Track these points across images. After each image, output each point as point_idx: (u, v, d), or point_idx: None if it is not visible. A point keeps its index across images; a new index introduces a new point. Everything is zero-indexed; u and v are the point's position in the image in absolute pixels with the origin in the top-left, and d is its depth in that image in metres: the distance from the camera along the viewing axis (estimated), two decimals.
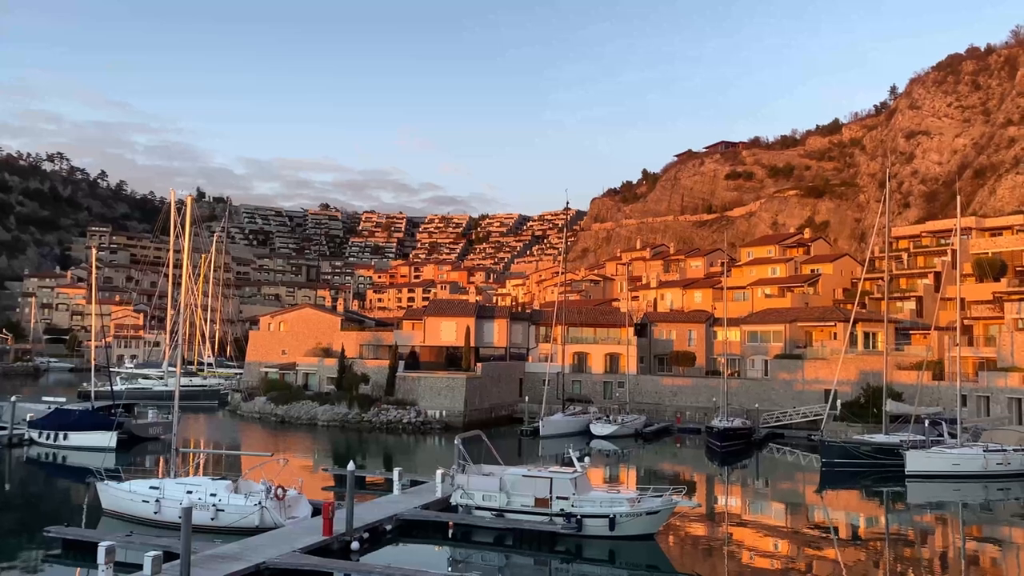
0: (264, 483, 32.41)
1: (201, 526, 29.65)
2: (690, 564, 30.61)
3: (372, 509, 32.90)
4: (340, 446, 60.72)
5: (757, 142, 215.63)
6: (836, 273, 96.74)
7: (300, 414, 72.73)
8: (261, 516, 30.75)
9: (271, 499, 31.28)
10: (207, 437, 65.63)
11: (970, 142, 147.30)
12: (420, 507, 33.38)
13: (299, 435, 65.95)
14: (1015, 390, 57.81)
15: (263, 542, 27.47)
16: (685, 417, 72.81)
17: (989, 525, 39.33)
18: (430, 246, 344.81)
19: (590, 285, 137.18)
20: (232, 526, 30.47)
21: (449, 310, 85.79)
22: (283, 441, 61.68)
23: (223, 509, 31.21)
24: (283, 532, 29.13)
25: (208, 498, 31.52)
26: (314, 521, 30.19)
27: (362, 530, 29.78)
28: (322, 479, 44.04)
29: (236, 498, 31.67)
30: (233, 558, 25.31)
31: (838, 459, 50.58)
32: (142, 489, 33.04)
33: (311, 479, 43.54)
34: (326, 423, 70.51)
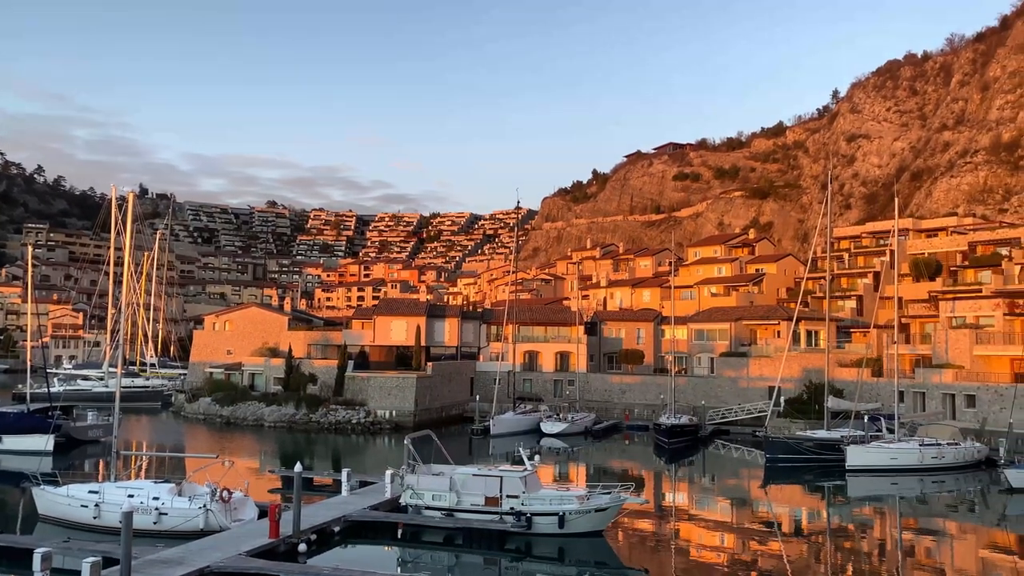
0: (209, 485, 31.79)
1: (143, 530, 28.96)
2: (638, 560, 31.00)
3: (320, 510, 32.53)
4: (287, 447, 59.87)
5: (704, 144, 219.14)
6: (780, 273, 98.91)
7: (246, 415, 71.50)
8: (206, 519, 30.16)
9: (216, 502, 30.69)
10: (150, 439, 64.06)
11: (908, 146, 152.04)
12: (369, 508, 33.12)
13: (245, 436, 64.83)
14: (949, 386, 59.88)
15: (207, 545, 26.94)
16: (634, 415, 73.63)
17: (924, 517, 40.69)
18: (380, 244, 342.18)
19: (541, 284, 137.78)
20: (175, 530, 29.81)
21: (399, 309, 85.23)
22: (229, 443, 60.55)
23: (166, 513, 30.52)
24: (228, 535, 28.61)
25: (150, 502, 30.79)
26: (260, 523, 29.72)
27: (310, 532, 29.42)
28: (269, 481, 43.39)
29: (180, 501, 31.00)
30: (176, 563, 24.77)
31: (782, 455, 51.69)
32: (80, 493, 32.11)
33: (258, 481, 42.86)
34: (273, 424, 69.45)
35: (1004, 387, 56.19)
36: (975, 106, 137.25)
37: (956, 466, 49.66)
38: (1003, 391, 55.60)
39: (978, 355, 61.10)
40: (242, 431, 67.56)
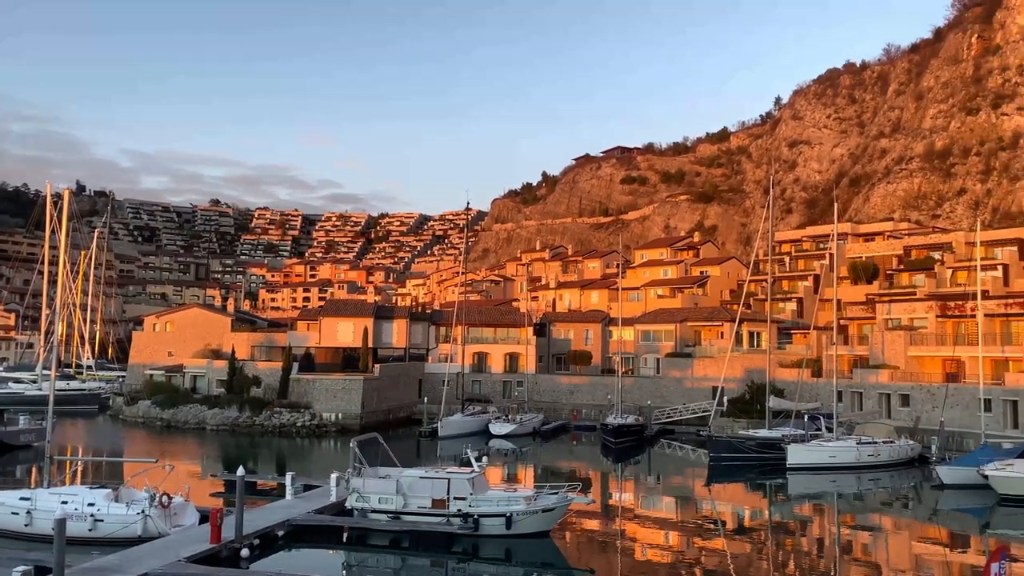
0: (148, 490, 30.96)
1: (78, 538, 28.07)
2: (585, 559, 31.23)
3: (263, 515, 31.98)
4: (230, 451, 58.71)
5: (651, 148, 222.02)
6: (723, 275, 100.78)
7: (188, 418, 69.91)
8: (144, 525, 29.37)
9: (155, 507, 29.91)
10: (86, 444, 62.17)
11: (847, 152, 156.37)
12: (314, 511, 32.68)
13: (187, 440, 63.39)
14: (885, 386, 61.77)
15: (146, 552, 26.25)
16: (582, 415, 74.18)
17: (861, 513, 41.89)
18: (327, 245, 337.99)
19: (491, 285, 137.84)
20: (112, 537, 28.95)
21: (346, 310, 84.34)
22: (169, 446, 59.12)
23: (102, 519, 29.63)
24: (168, 541, 27.93)
25: (85, 508, 29.85)
26: (202, 529, 29.08)
27: (252, 537, 28.90)
28: (211, 485, 42.50)
29: (117, 507, 30.13)
30: (112, 570, 24.07)
31: (725, 453, 52.62)
32: (11, 500, 30.97)
33: (199, 485, 41.92)
34: (215, 427, 68.03)
35: (936, 387, 58.19)
36: (910, 115, 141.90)
37: (891, 463, 51.20)
38: (935, 391, 57.58)
39: (912, 356, 63.15)
40: (183, 434, 66.04)
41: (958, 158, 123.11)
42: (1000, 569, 16.44)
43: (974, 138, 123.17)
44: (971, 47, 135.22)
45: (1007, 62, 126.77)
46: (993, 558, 16.72)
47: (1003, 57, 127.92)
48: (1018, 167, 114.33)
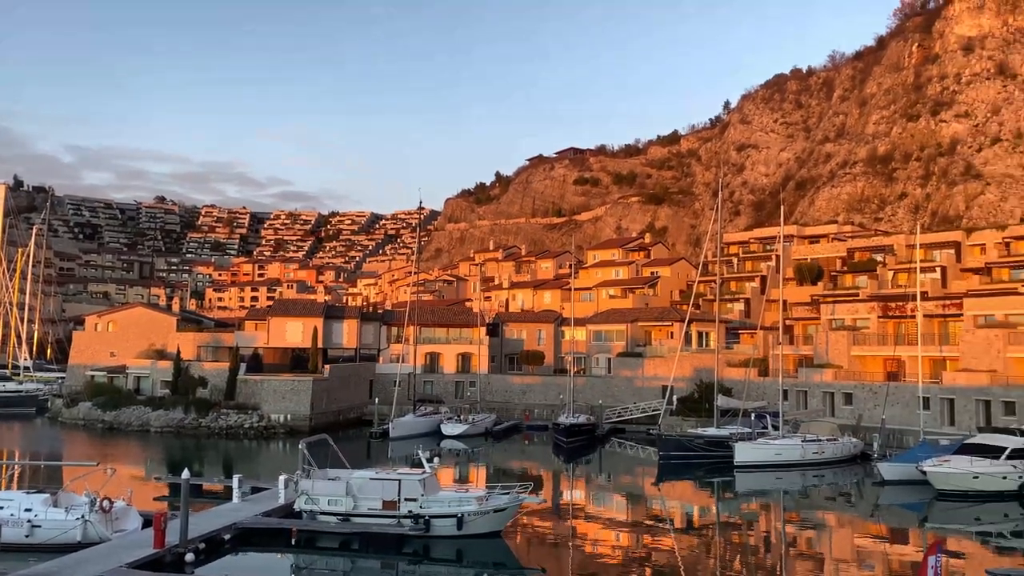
0: (88, 495, 30.07)
1: (14, 544, 27.18)
2: (536, 559, 31.30)
3: (209, 518, 31.32)
4: (175, 453, 57.40)
5: (604, 150, 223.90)
6: (674, 276, 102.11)
7: (130, 420, 68.15)
8: (84, 530, 28.51)
9: (96, 512, 29.06)
10: (23, 447, 60.16)
11: (793, 156, 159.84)
12: (261, 514, 32.12)
13: (129, 443, 61.78)
14: (829, 385, 63.26)
15: (85, 558, 25.47)
16: (534, 415, 74.37)
17: (806, 509, 42.82)
18: (276, 243, 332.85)
19: (444, 285, 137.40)
20: (50, 543, 28.03)
21: (295, 310, 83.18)
22: (111, 449, 57.55)
23: (39, 525, 28.67)
24: (109, 547, 27.16)
25: (22, 513, 28.85)
26: (145, 533, 28.34)
27: (198, 540, 28.27)
28: (155, 489, 41.52)
29: (55, 512, 29.19)
30: None
31: (674, 452, 53.26)
32: None
33: (142, 489, 40.91)
34: (160, 429, 66.44)
35: (878, 385, 59.81)
36: (854, 120, 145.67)
37: (835, 460, 52.42)
38: (877, 389, 59.18)
39: (855, 355, 64.80)
40: (126, 437, 64.36)
41: (899, 163, 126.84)
42: (936, 562, 16.93)
43: (914, 144, 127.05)
44: (912, 55, 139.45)
45: (946, 71, 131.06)
46: (930, 551, 17.23)
47: (942, 66, 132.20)
48: (955, 173, 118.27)
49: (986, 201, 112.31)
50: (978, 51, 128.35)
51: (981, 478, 40.86)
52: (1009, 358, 55.29)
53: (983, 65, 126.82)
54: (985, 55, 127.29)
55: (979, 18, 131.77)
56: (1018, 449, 41.61)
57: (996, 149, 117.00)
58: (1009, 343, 55.50)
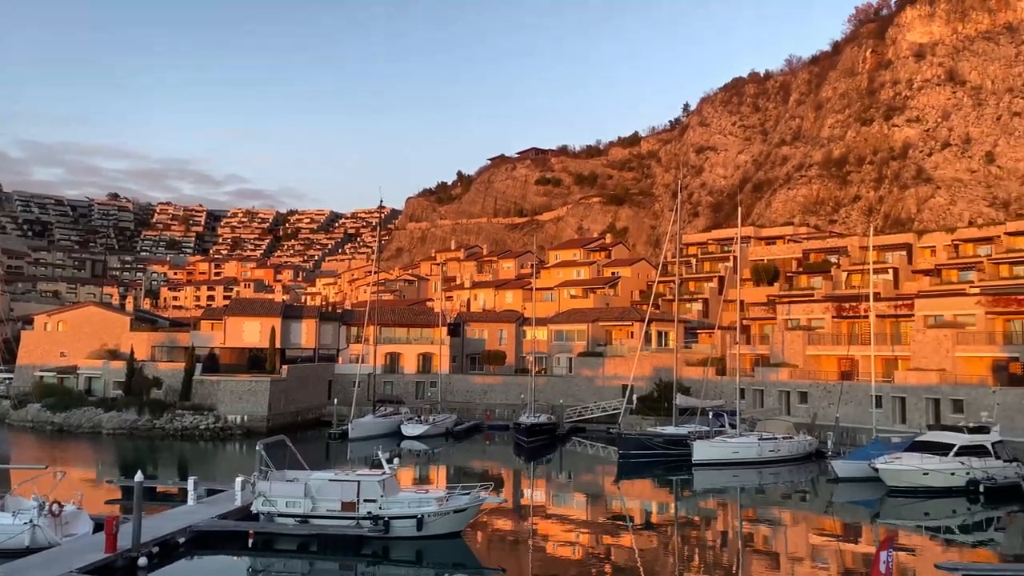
0: (36, 499, 29.24)
1: None
2: (496, 559, 31.28)
3: (163, 521, 30.70)
4: (128, 456, 56.14)
5: (565, 150, 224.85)
6: (634, 276, 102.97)
7: (82, 422, 66.51)
8: (32, 535, 27.73)
9: (44, 516, 28.28)
10: None
11: (751, 158, 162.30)
12: (217, 517, 31.58)
13: (81, 445, 60.30)
14: (785, 383, 64.33)
15: (34, 564, 24.79)
16: (495, 415, 74.34)
17: (762, 507, 43.48)
18: (233, 241, 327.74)
19: (404, 285, 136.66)
20: None
21: (253, 309, 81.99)
22: (61, 452, 56.09)
23: None
24: (59, 551, 26.45)
25: None
26: (96, 538, 27.66)
27: (151, 544, 27.69)
28: (107, 492, 40.55)
29: (2, 517, 28.34)
30: None
31: (633, 450, 53.68)
32: None
33: (94, 492, 39.93)
34: (112, 431, 64.97)
35: (832, 384, 61.01)
36: (810, 124, 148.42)
37: (790, 458, 53.31)
38: (831, 388, 60.36)
39: (810, 355, 65.99)
40: (77, 439, 62.80)
41: (853, 166, 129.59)
42: (888, 557, 17.27)
43: (868, 148, 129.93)
44: (866, 61, 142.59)
45: (898, 76, 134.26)
46: (882, 547, 17.58)
47: (894, 71, 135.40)
48: (907, 176, 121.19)
49: (936, 204, 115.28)
50: (929, 58, 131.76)
51: (931, 475, 41.90)
52: (957, 357, 56.80)
53: (934, 71, 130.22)
54: (936, 62, 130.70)
55: (930, 25, 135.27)
56: (965, 446, 42.72)
57: (946, 154, 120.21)
58: (957, 343, 57.02)
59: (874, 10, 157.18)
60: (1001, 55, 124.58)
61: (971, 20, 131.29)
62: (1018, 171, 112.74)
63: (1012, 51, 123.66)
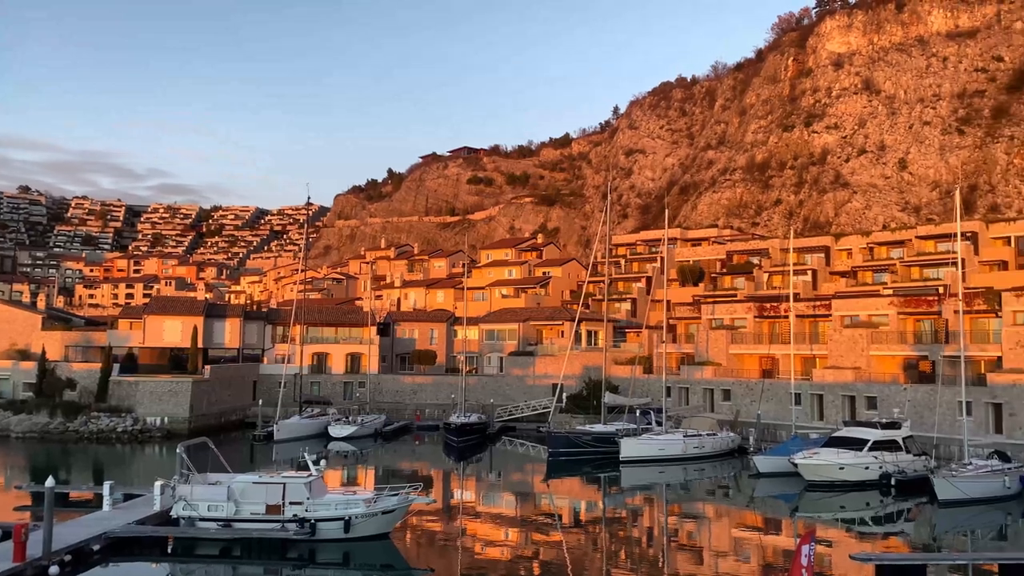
0: None
1: None
2: (425, 559, 31.09)
3: (77, 528, 29.45)
4: (39, 460, 53.71)
5: (497, 150, 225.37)
6: (565, 276, 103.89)
7: None
8: None
9: None
10: None
11: (678, 162, 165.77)
12: (135, 522, 30.48)
13: None
14: (709, 381, 65.90)
15: None
16: (425, 415, 73.89)
17: (687, 502, 44.44)
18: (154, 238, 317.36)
19: (332, 284, 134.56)
20: None
21: (174, 308, 79.49)
22: None
23: None
24: None
25: None
26: (3, 546, 26.34)
27: (63, 553, 26.53)
28: (15, 498, 38.67)
29: None
30: None
31: (563, 449, 54.18)
32: None
33: (1, 499, 38.10)
34: (22, 435, 62.01)
35: (754, 382, 62.79)
36: (734, 129, 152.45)
37: (714, 454, 54.65)
38: (753, 386, 62.12)
39: (733, 353, 67.76)
40: None
41: (775, 171, 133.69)
42: (810, 551, 17.69)
43: (789, 153, 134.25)
44: (788, 69, 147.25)
45: (818, 84, 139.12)
46: (803, 541, 17.94)
47: (815, 79, 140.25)
48: (826, 181, 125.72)
49: (852, 208, 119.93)
50: (847, 67, 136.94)
51: (846, 469, 43.51)
52: (872, 356, 59.18)
53: (851, 80, 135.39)
54: (853, 71, 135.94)
55: (848, 36, 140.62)
56: (879, 441, 44.54)
57: (862, 160, 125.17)
58: (872, 342, 59.41)
59: (796, 19, 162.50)
60: (913, 66, 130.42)
61: (886, 32, 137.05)
62: (928, 178, 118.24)
63: (923, 63, 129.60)
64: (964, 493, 37.94)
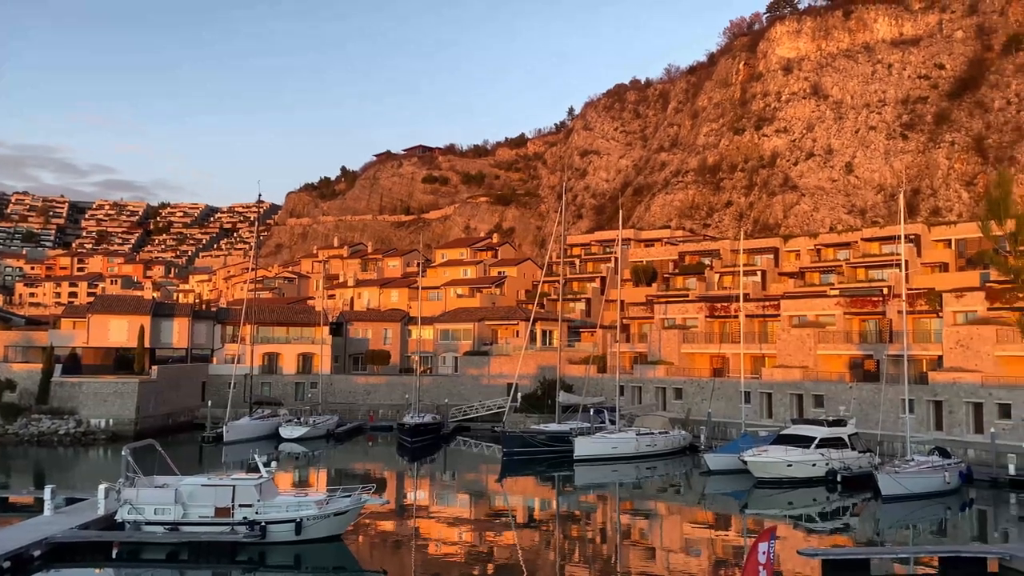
0: None
1: None
2: (378, 561, 30.86)
3: (16, 533, 28.52)
4: None
5: (453, 149, 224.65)
6: (520, 276, 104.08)
7: None
8: None
9: None
10: None
11: (632, 163, 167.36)
12: (78, 527, 29.62)
13: None
14: (662, 380, 66.65)
15: None
16: (379, 415, 73.30)
17: (639, 500, 44.92)
18: (99, 235, 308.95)
19: (284, 283, 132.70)
20: None
21: (120, 307, 77.53)
22: None
23: None
24: None
25: None
26: None
27: (2, 559, 25.68)
28: None
29: None
30: None
31: (517, 448, 54.26)
32: None
33: None
34: None
35: (705, 381, 63.70)
36: (687, 131, 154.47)
37: (666, 452, 55.29)
38: (704, 384, 63.02)
39: (685, 352, 68.64)
40: None
41: (726, 173, 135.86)
42: (769, 548, 17.65)
43: (740, 156, 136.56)
44: (739, 73, 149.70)
45: (768, 88, 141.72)
46: (762, 538, 17.86)
47: (765, 84, 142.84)
48: (775, 184, 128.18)
49: (801, 211, 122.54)
50: (796, 72, 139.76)
51: (794, 466, 44.42)
52: (819, 355, 60.50)
53: (800, 85, 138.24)
54: (802, 76, 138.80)
55: (797, 41, 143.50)
56: (825, 439, 45.58)
57: (810, 163, 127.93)
58: (819, 341, 60.73)
59: (747, 24, 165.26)
60: (859, 72, 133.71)
61: (833, 38, 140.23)
62: (873, 181, 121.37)
63: (869, 69, 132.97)
64: (906, 489, 39.04)
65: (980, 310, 53.66)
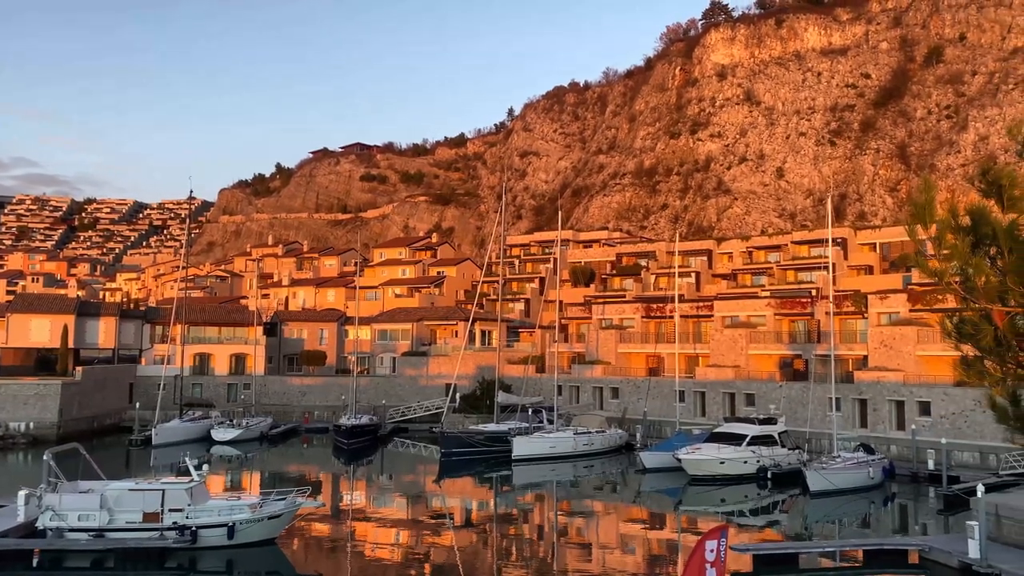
0: None
1: None
2: (312, 564, 30.39)
3: None
4: None
5: (391, 147, 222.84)
6: (459, 276, 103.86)
7: None
8: None
9: None
10: None
11: (570, 165, 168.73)
12: None
13: None
14: (599, 380, 67.39)
15: None
16: (314, 417, 72.20)
17: (576, 499, 45.28)
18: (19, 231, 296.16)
19: (216, 281, 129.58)
20: None
21: (41, 306, 74.52)
22: None
23: None
24: None
25: None
26: None
27: None
28: None
29: None
30: None
31: (456, 448, 54.14)
32: None
33: None
34: None
35: (641, 380, 64.65)
36: (624, 134, 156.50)
37: (603, 451, 55.92)
38: (640, 384, 63.95)
39: (622, 352, 69.55)
40: None
41: (662, 176, 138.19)
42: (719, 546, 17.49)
43: (675, 159, 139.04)
44: (675, 78, 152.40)
45: (703, 94, 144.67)
46: (710, 536, 17.66)
47: (700, 89, 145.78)
48: (709, 187, 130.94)
49: (734, 214, 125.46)
50: (730, 78, 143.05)
51: (726, 463, 45.43)
52: (750, 355, 62.04)
53: (734, 91, 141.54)
54: (736, 82, 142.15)
55: (731, 48, 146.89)
56: (756, 436, 46.74)
57: (743, 168, 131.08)
58: (750, 341, 62.28)
59: (683, 30, 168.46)
60: (790, 80, 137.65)
61: (766, 46, 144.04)
62: (803, 186, 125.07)
63: (799, 77, 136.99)
64: (833, 484, 40.34)
65: (903, 311, 55.79)
